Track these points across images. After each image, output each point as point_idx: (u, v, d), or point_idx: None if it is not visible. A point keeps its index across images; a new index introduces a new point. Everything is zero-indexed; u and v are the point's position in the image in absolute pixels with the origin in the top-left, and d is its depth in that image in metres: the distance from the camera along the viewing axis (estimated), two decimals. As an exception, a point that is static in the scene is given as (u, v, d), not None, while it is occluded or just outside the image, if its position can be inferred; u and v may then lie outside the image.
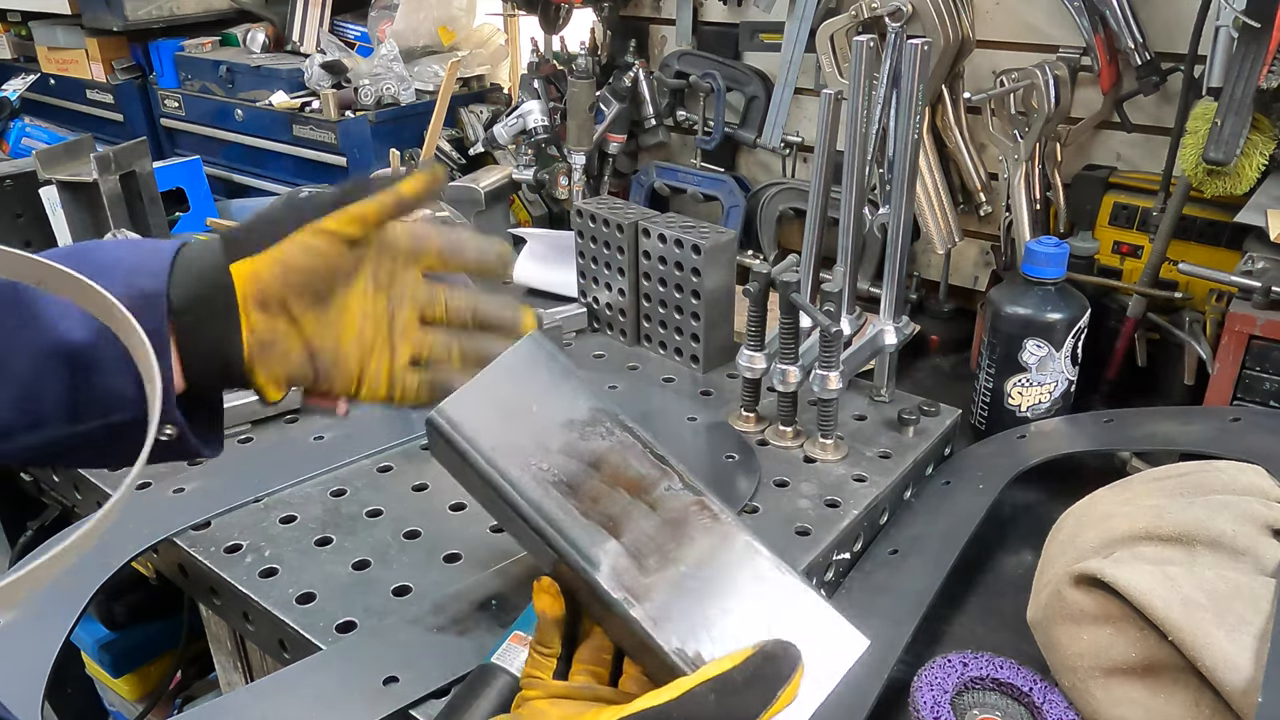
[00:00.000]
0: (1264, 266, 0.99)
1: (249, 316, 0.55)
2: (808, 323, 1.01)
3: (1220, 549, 0.69)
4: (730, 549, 0.54)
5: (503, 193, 1.64)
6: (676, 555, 0.53)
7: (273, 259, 0.55)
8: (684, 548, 0.54)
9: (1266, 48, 0.95)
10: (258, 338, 0.56)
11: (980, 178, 1.32)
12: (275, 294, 0.56)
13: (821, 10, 1.35)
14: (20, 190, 1.59)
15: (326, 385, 0.60)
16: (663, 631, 0.51)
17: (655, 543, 0.54)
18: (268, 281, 0.55)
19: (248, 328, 0.55)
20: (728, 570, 0.53)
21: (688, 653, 0.51)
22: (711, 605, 0.52)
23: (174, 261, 0.55)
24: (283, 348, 0.57)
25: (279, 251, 0.55)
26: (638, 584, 0.52)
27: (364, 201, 0.57)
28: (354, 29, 2.15)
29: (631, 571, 0.52)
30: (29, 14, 2.42)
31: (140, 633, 1.53)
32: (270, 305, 0.56)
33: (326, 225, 0.56)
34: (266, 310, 0.56)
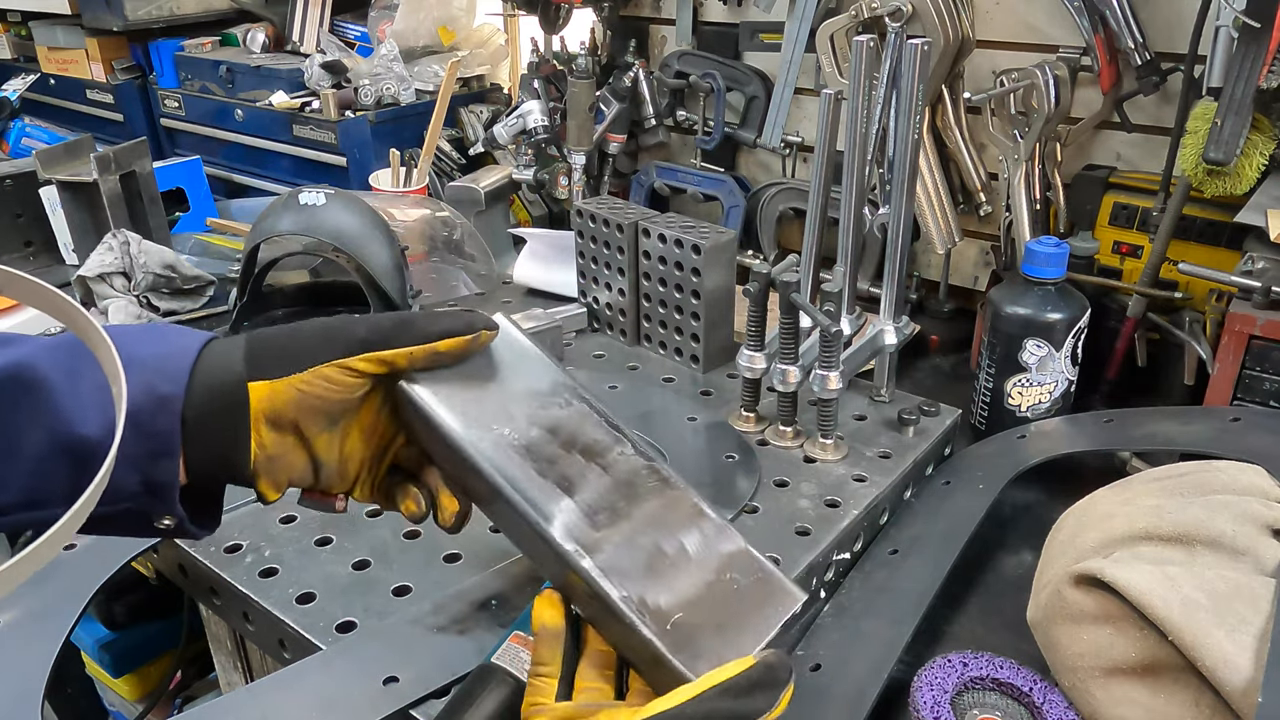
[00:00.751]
0: (1264, 266, 0.99)
1: (259, 433, 0.56)
2: (808, 323, 1.01)
3: (1220, 549, 0.69)
4: (678, 509, 0.58)
5: (503, 193, 1.64)
6: (626, 512, 0.56)
7: (292, 386, 0.55)
8: (634, 506, 0.57)
9: (1266, 48, 0.95)
10: (266, 452, 0.57)
11: (980, 178, 1.32)
12: (289, 417, 0.56)
13: (821, 10, 1.35)
14: (20, 190, 1.60)
15: (325, 488, 0.62)
16: (611, 581, 0.53)
17: (606, 501, 0.57)
18: (283, 406, 0.56)
19: (257, 442, 0.56)
20: (675, 528, 0.57)
21: (633, 600, 0.53)
22: (659, 559, 0.55)
23: (195, 367, 0.55)
24: (288, 460, 0.58)
25: (300, 381, 0.55)
26: (588, 537, 0.55)
27: (398, 351, 0.57)
28: (354, 29, 2.15)
29: (582, 526, 0.55)
30: (29, 14, 2.42)
31: (140, 633, 1.53)
32: (283, 425, 0.57)
33: (355, 364, 0.56)
34: (278, 429, 0.57)
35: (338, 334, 0.57)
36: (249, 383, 0.55)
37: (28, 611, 0.80)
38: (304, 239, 1.23)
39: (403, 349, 0.56)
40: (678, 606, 0.53)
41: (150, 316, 1.35)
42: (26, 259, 1.64)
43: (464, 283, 1.46)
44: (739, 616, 0.54)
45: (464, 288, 1.45)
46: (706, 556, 0.56)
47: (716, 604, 0.54)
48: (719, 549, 0.57)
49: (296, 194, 1.22)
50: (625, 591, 0.53)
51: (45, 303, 0.48)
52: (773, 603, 0.56)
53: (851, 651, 0.79)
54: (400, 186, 1.65)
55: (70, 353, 0.53)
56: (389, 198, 1.55)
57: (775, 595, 0.56)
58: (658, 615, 0.53)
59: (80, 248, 1.50)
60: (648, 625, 0.53)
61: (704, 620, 0.53)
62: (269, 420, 0.56)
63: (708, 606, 0.54)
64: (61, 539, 0.40)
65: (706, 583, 0.55)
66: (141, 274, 1.34)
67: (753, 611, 0.54)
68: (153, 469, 0.53)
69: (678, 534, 0.56)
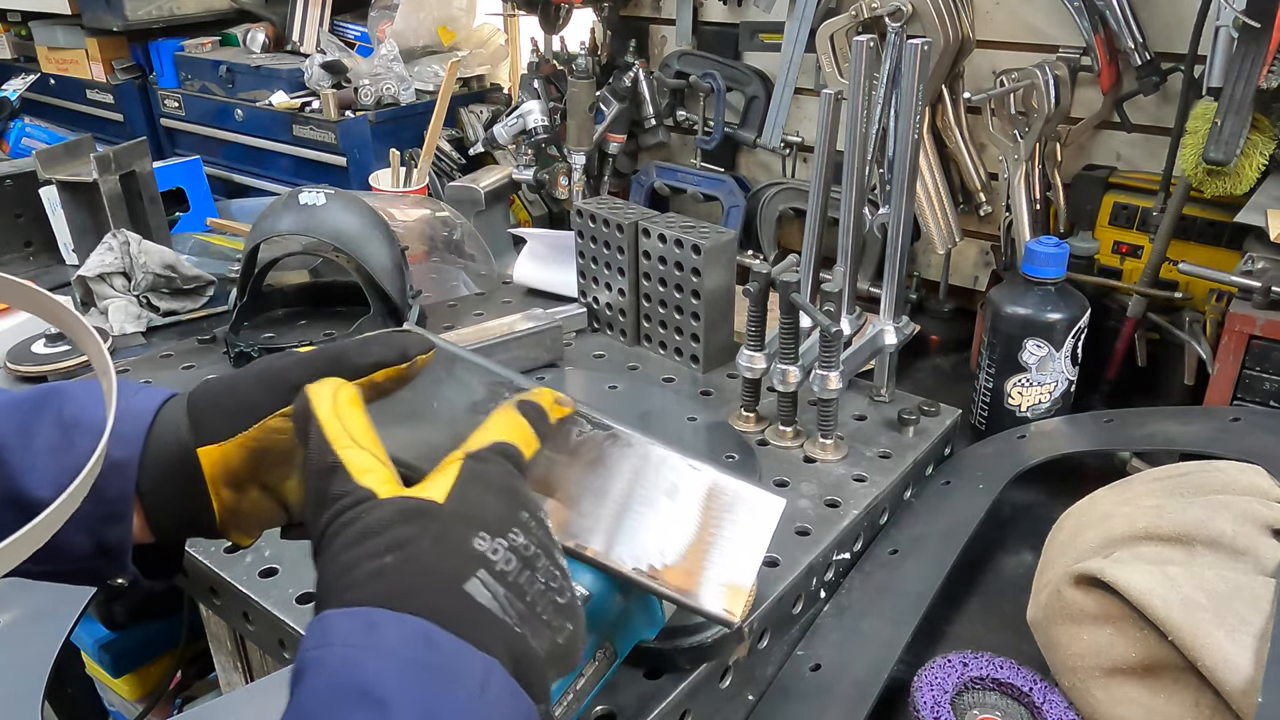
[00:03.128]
0: (1264, 266, 0.99)
1: (219, 494, 0.55)
2: (808, 323, 1.01)
3: (1220, 549, 0.69)
4: (649, 464, 0.59)
5: (503, 193, 1.64)
6: (605, 490, 0.57)
7: (241, 445, 0.54)
8: (610, 481, 0.58)
9: (1266, 48, 0.95)
10: (229, 510, 0.55)
11: (980, 178, 1.32)
12: (246, 473, 0.55)
13: (821, 10, 1.35)
14: (20, 190, 1.60)
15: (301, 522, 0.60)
16: (616, 558, 0.55)
17: (583, 487, 0.57)
18: (238, 466, 0.54)
19: (218, 502, 0.55)
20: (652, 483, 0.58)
21: (644, 570, 0.56)
22: (650, 519, 0.57)
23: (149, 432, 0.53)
24: (256, 512, 0.57)
25: (248, 440, 0.54)
26: (581, 528, 0.56)
27: None
28: (354, 29, 2.15)
29: (572, 520, 0.56)
30: (29, 14, 2.42)
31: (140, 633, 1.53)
32: (241, 483, 0.55)
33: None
34: (238, 488, 0.55)
35: (276, 380, 0.54)
36: (198, 449, 0.53)
37: (28, 611, 0.80)
38: (304, 239, 1.23)
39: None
40: (683, 554, 0.56)
41: (150, 316, 1.35)
42: (26, 259, 1.64)
43: (464, 283, 1.46)
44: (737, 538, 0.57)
45: (464, 288, 1.45)
46: (688, 500, 0.58)
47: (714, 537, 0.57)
48: (696, 488, 0.59)
49: (296, 194, 1.22)
50: (635, 564, 0.55)
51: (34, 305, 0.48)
52: (760, 515, 0.59)
53: (851, 651, 0.79)
54: (400, 186, 1.65)
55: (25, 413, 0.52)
56: (389, 198, 1.55)
57: (759, 508, 0.59)
58: (669, 573, 0.55)
59: (80, 248, 1.50)
60: (666, 586, 0.55)
61: (709, 555, 0.56)
62: (226, 482, 0.54)
63: (707, 542, 0.57)
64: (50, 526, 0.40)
65: (698, 523, 0.57)
66: (141, 274, 1.34)
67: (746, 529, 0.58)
68: (105, 532, 0.52)
69: (657, 490, 0.58)
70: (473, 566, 0.43)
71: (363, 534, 0.43)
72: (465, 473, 0.47)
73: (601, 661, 0.63)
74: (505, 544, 0.44)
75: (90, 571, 0.54)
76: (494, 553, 0.43)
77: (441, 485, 0.46)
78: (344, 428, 0.48)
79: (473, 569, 0.43)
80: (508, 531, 0.44)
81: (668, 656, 0.71)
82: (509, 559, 0.44)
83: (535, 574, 0.44)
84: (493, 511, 0.45)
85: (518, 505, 0.46)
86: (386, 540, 0.43)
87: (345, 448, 0.47)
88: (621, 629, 0.64)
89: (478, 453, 0.48)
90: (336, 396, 0.50)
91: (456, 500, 0.45)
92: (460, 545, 0.43)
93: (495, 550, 0.44)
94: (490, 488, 0.47)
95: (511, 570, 0.44)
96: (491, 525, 0.44)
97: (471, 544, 0.43)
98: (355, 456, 0.47)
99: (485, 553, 0.43)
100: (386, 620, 0.40)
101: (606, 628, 0.63)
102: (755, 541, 0.58)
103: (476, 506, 0.45)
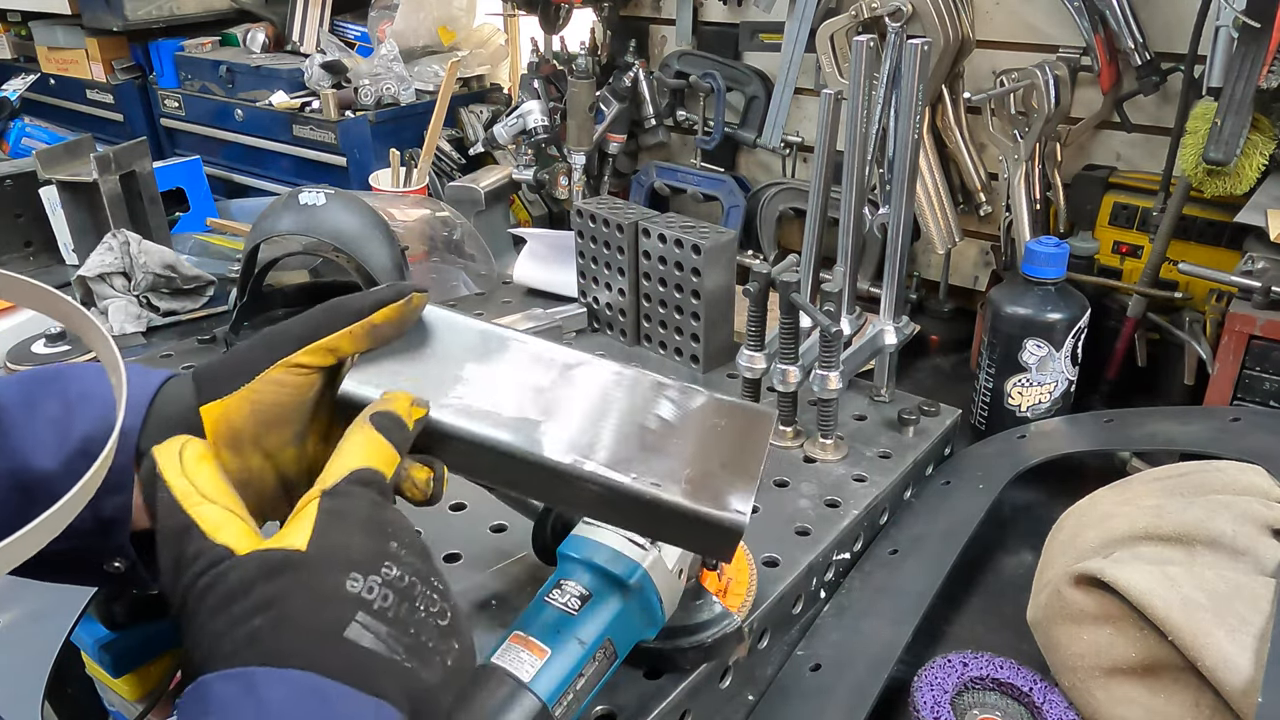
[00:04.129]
0: (1264, 266, 0.99)
1: (221, 458, 0.53)
2: (808, 323, 1.01)
3: (1220, 549, 0.69)
4: (641, 390, 0.61)
5: (503, 193, 1.64)
6: (601, 411, 0.59)
7: (243, 399, 0.53)
8: (605, 404, 0.59)
9: (1266, 48, 0.95)
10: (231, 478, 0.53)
11: (980, 178, 1.32)
12: (249, 434, 0.54)
13: (821, 10, 1.35)
14: (20, 190, 1.60)
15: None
16: (620, 471, 0.56)
17: (579, 409, 0.59)
18: (240, 423, 0.54)
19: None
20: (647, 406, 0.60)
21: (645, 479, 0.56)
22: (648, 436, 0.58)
23: (152, 402, 0.53)
24: (256, 486, 0.56)
25: (250, 392, 0.53)
26: (580, 445, 0.57)
27: (338, 334, 0.55)
28: (354, 29, 2.15)
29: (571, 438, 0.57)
30: (29, 14, 2.43)
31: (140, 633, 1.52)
32: (243, 446, 0.54)
33: (299, 359, 0.54)
34: (239, 451, 0.54)
35: (276, 339, 0.55)
36: (201, 407, 0.53)
37: (28, 611, 0.80)
38: (304, 239, 1.23)
39: (341, 331, 0.55)
40: (683, 466, 0.57)
41: (150, 316, 1.35)
42: (26, 259, 1.64)
43: (464, 283, 1.46)
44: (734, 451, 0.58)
45: (464, 288, 1.45)
46: (684, 417, 0.60)
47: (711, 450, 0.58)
48: (691, 407, 0.60)
49: (296, 194, 1.22)
50: (635, 474, 0.56)
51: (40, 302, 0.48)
52: (754, 429, 0.60)
53: (851, 651, 0.79)
54: (400, 186, 1.65)
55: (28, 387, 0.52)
56: (389, 198, 1.55)
57: (753, 422, 0.61)
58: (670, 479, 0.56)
59: (80, 248, 1.50)
60: (668, 492, 0.55)
61: (709, 468, 0.57)
62: (229, 444, 0.54)
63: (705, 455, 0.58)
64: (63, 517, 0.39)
65: (695, 438, 0.59)
66: (141, 274, 1.34)
67: (742, 442, 0.59)
68: (104, 503, 0.51)
69: (653, 410, 0.60)
70: (350, 611, 0.41)
71: (228, 598, 0.42)
72: (324, 513, 0.45)
73: (601, 661, 0.63)
74: (379, 580, 0.43)
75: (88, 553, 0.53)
76: (369, 592, 0.42)
77: (302, 531, 0.44)
78: (192, 485, 0.46)
79: (350, 613, 0.41)
80: (379, 567, 0.43)
81: (668, 656, 0.71)
82: (386, 595, 0.43)
83: (415, 603, 0.43)
84: (360, 549, 0.44)
85: (385, 536, 0.45)
86: (254, 601, 0.41)
87: (195, 505, 0.45)
88: (621, 629, 0.64)
89: (334, 488, 0.46)
90: (183, 454, 0.48)
91: (319, 545, 0.43)
92: (333, 592, 0.42)
93: (370, 589, 0.42)
94: (353, 524, 0.45)
95: (390, 605, 0.43)
96: (361, 564, 0.43)
97: (345, 588, 0.42)
98: (208, 512, 0.45)
99: (360, 594, 0.42)
100: (269, 680, 0.39)
101: (606, 627, 0.63)
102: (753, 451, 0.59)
103: (342, 548, 0.43)
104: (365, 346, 0.56)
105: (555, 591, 0.64)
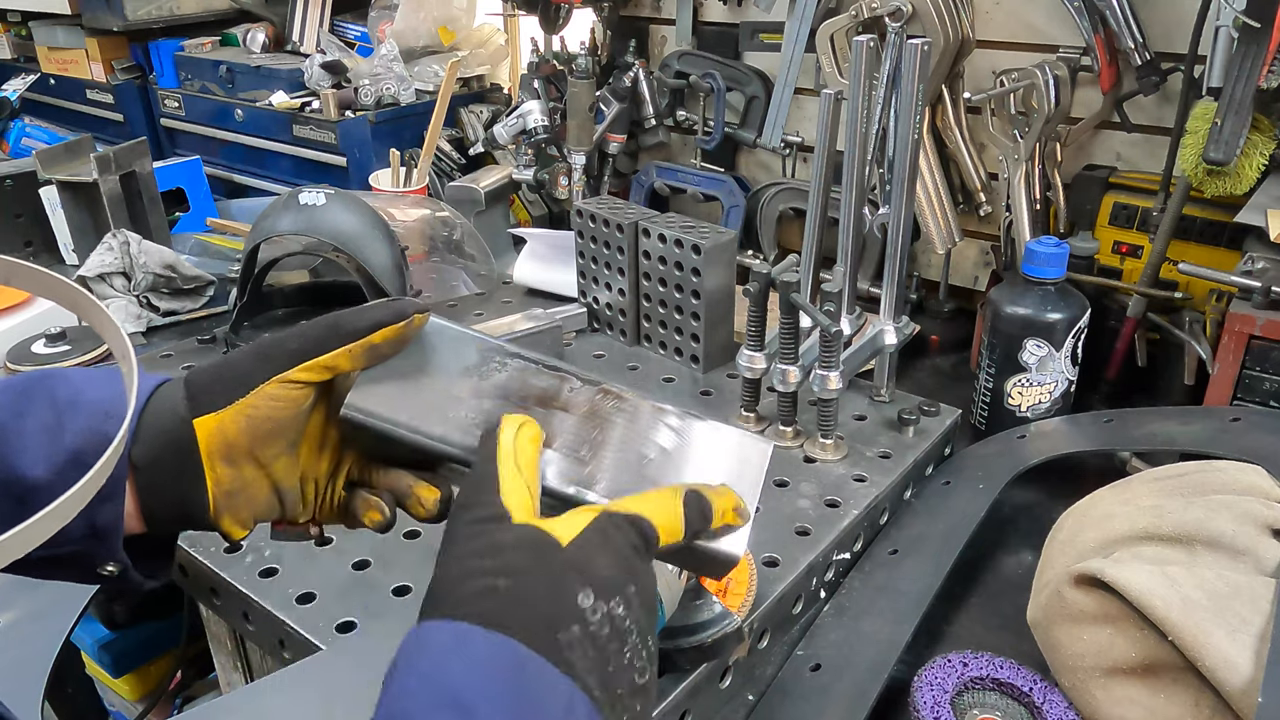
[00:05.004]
0: (1264, 266, 0.99)
1: (214, 471, 0.54)
2: (808, 323, 1.01)
3: (1220, 549, 0.69)
4: (641, 417, 0.61)
5: (503, 193, 1.64)
6: (602, 439, 0.59)
7: (239, 414, 0.54)
8: (605, 431, 0.60)
9: (1266, 48, 0.95)
10: (223, 489, 0.55)
11: (980, 178, 1.32)
12: (243, 447, 0.54)
13: (821, 10, 1.35)
14: (20, 190, 1.60)
15: (293, 517, 0.60)
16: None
17: (580, 437, 0.59)
18: (234, 436, 0.54)
19: (213, 481, 0.54)
20: (646, 434, 0.60)
21: None
22: (648, 466, 0.59)
23: (144, 410, 0.53)
24: (249, 494, 0.56)
25: (245, 406, 0.54)
26: (581, 475, 0.57)
27: (336, 353, 0.55)
28: (354, 29, 2.14)
29: (573, 467, 0.57)
30: (29, 14, 2.42)
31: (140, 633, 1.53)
32: (237, 458, 0.55)
33: (295, 376, 0.54)
34: (233, 463, 0.55)
35: (272, 351, 0.55)
36: (194, 420, 0.53)
37: (28, 611, 0.80)
38: (304, 239, 1.23)
39: (340, 349, 0.55)
40: None
41: (150, 316, 1.35)
42: (26, 259, 1.62)
43: (464, 283, 1.46)
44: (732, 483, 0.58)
45: (464, 288, 1.45)
46: (683, 446, 0.60)
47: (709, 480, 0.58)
48: (691, 436, 0.61)
49: (296, 194, 1.22)
50: None
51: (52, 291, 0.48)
52: (751, 459, 0.61)
53: (851, 651, 0.79)
54: (400, 186, 1.65)
55: (18, 394, 0.52)
56: (389, 198, 1.55)
57: (750, 452, 0.61)
58: None
59: (80, 248, 1.50)
60: None
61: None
62: (222, 456, 0.54)
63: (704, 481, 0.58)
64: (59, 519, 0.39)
65: (694, 467, 0.59)
66: (141, 274, 1.34)
67: (739, 472, 0.60)
68: (98, 512, 0.51)
69: (652, 438, 0.60)
70: (570, 619, 0.44)
71: (487, 549, 0.46)
72: (595, 525, 0.48)
73: (601, 662, 0.63)
74: (605, 609, 0.45)
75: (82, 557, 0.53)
76: (593, 613, 0.45)
77: (571, 528, 0.47)
78: (514, 450, 0.51)
79: (569, 621, 0.44)
80: (611, 599, 0.46)
81: (668, 656, 0.71)
82: (605, 625, 0.45)
83: (624, 647, 0.45)
84: (605, 573, 0.46)
85: (629, 578, 0.47)
86: (503, 563, 0.45)
87: (506, 466, 0.50)
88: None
89: (615, 515, 0.49)
90: (521, 429, 0.53)
91: (577, 546, 0.47)
92: (566, 594, 0.45)
93: (595, 611, 0.45)
94: (611, 551, 0.47)
95: (603, 635, 0.45)
96: (599, 586, 0.45)
97: (576, 598, 0.45)
98: (510, 476, 0.50)
99: (585, 610, 0.44)
100: (480, 637, 0.42)
101: None
102: (750, 480, 0.60)
103: (592, 563, 0.46)
104: (363, 365, 0.57)
105: (555, 592, 0.64)
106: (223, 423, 0.54)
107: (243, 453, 0.55)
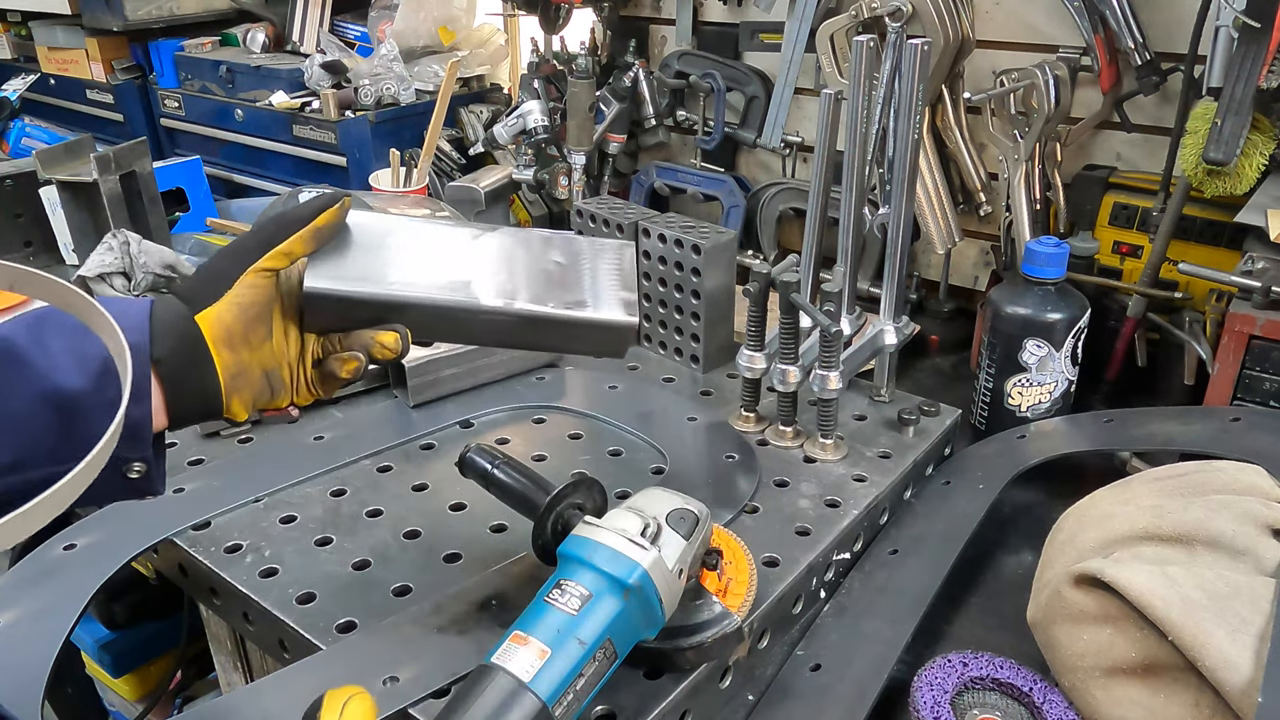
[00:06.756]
0: (1264, 266, 0.99)
1: (220, 356, 0.64)
2: (808, 323, 1.01)
3: (1220, 549, 0.69)
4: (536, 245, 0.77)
5: (503, 193, 1.64)
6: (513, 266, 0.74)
7: (230, 302, 0.64)
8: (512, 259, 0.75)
9: (1266, 48, 0.95)
10: (230, 374, 0.65)
11: (980, 178, 1.33)
12: (238, 333, 0.64)
13: (821, 10, 1.35)
14: (20, 190, 1.60)
15: (279, 400, 0.70)
16: (542, 304, 0.72)
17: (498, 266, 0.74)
18: (230, 324, 0.64)
19: (220, 366, 0.64)
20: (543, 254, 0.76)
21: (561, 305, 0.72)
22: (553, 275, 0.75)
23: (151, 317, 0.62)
24: (248, 376, 0.66)
25: (233, 296, 0.64)
26: (506, 291, 0.72)
27: (291, 239, 0.65)
28: (354, 29, 2.14)
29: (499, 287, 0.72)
30: (29, 14, 2.42)
31: (140, 633, 1.53)
32: (235, 343, 0.64)
33: (264, 265, 0.65)
34: (233, 349, 0.64)
35: (239, 250, 0.65)
36: (196, 315, 0.63)
37: (28, 611, 0.80)
38: (304, 239, 1.22)
39: (294, 236, 0.66)
40: (583, 289, 0.74)
41: (150, 316, 1.35)
42: (26, 259, 1.64)
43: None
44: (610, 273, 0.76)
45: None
46: (570, 256, 0.77)
47: (598, 275, 0.76)
48: (573, 249, 0.78)
49: (296, 194, 1.22)
50: (554, 303, 0.72)
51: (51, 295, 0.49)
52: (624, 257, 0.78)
53: (851, 651, 0.79)
54: (400, 186, 1.65)
55: (34, 323, 0.59)
56: (389, 198, 1.55)
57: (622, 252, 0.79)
58: (579, 303, 0.73)
59: (80, 248, 1.50)
60: (580, 310, 0.72)
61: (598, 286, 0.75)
62: (224, 343, 0.64)
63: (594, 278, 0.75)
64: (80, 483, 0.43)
65: (583, 268, 0.76)
66: (141, 274, 1.34)
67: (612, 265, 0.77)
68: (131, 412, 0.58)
69: (548, 256, 0.76)
70: None
71: None
72: None
73: (601, 661, 0.63)
74: None
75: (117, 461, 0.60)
76: None
77: None
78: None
79: None
80: None
81: (668, 656, 0.71)
82: None
83: None
84: None
85: None
86: None
87: None
88: (621, 629, 0.64)
89: None
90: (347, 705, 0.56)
91: None
92: None
93: None
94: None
95: None
96: None
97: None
98: None
99: None
100: None
101: (606, 628, 0.63)
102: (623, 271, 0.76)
103: None
104: (313, 248, 0.67)
105: (555, 592, 0.64)
106: (220, 313, 0.63)
107: (239, 338, 0.64)
